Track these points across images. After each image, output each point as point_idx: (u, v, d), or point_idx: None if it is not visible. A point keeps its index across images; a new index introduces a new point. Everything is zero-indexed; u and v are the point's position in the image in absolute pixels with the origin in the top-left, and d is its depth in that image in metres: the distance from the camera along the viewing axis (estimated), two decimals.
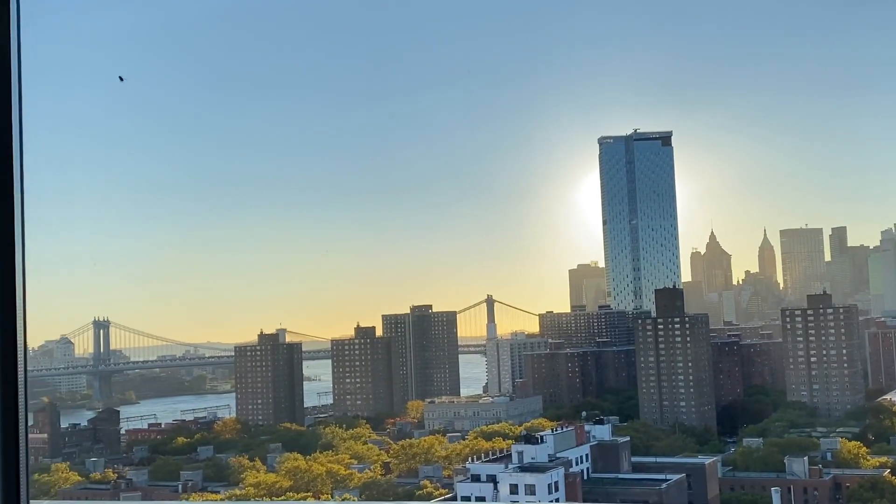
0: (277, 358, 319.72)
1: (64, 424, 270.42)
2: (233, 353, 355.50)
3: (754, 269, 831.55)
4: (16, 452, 4.71)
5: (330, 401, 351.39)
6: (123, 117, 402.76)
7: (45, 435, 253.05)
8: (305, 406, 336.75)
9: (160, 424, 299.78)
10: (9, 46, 4.98)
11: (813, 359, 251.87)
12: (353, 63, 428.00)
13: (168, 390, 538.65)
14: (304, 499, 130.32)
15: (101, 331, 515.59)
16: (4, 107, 4.97)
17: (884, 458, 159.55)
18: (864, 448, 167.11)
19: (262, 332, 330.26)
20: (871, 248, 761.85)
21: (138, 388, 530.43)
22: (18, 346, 4.80)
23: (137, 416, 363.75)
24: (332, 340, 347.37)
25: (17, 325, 4.85)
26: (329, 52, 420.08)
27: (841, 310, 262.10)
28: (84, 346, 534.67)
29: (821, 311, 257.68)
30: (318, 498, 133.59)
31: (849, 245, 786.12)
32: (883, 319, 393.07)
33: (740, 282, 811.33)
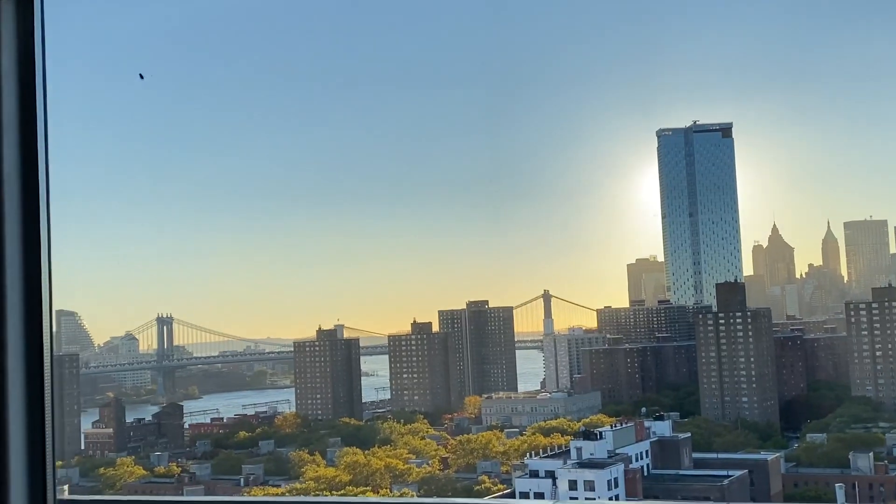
0: (335, 353, 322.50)
1: (129, 419, 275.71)
2: (292, 349, 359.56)
3: (818, 262, 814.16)
4: (42, 447, 4.82)
5: (387, 396, 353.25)
6: (174, 112, 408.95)
7: (111, 430, 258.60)
8: (363, 401, 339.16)
9: (222, 419, 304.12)
10: (33, 43, 4.96)
11: (878, 353, 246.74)
12: (407, 58, 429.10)
13: (230, 385, 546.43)
14: (363, 493, 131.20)
15: (165, 327, 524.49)
16: (29, 105, 4.96)
17: None
18: None
19: (320, 328, 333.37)
20: None
21: (201, 383, 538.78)
22: (44, 341, 4.85)
23: (200, 410, 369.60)
24: (388, 336, 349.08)
25: (44, 321, 4.82)
26: (378, 46, 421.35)
27: None
28: (148, 342, 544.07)
29: (886, 304, 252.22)
30: (377, 492, 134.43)
31: None
32: None
33: (803, 275, 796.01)
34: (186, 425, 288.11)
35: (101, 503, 8.60)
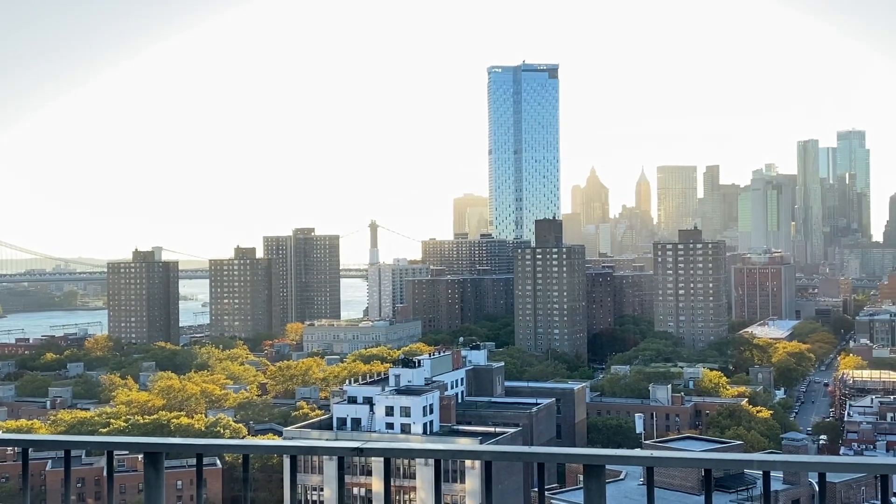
0: (152, 276, 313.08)
1: None
2: (106, 270, 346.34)
3: (631, 203, 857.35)
4: None
5: (206, 321, 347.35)
6: None
7: None
8: (181, 325, 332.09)
9: (28, 339, 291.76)
10: None
11: (681, 291, 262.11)
12: None
13: (37, 305, 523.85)
14: (178, 418, 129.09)
15: None
16: None
17: (742, 388, 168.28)
18: (725, 378, 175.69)
19: (136, 250, 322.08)
20: (741, 186, 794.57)
21: (5, 301, 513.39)
22: None
23: (4, 330, 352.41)
24: (210, 260, 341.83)
25: None
26: None
27: (710, 245, 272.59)
28: None
29: (691, 245, 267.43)
30: (192, 417, 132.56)
31: (721, 183, 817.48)
32: (749, 255, 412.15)
33: (617, 216, 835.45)
34: None
35: None
